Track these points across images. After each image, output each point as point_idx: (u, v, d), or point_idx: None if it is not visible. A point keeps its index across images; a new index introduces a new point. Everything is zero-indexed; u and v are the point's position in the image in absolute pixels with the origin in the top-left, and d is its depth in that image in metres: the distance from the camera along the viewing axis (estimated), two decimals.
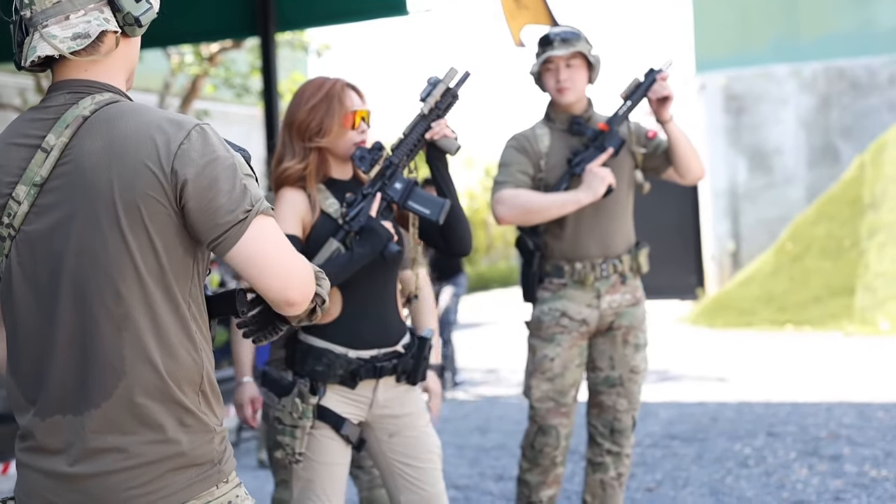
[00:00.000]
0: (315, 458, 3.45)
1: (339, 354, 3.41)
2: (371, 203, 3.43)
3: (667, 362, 11.62)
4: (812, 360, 11.51)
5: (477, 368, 12.21)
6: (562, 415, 4.46)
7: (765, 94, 18.17)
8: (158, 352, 2.07)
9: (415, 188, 3.50)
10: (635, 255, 4.49)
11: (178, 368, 2.09)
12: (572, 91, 4.42)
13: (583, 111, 4.49)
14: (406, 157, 3.53)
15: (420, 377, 3.56)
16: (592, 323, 4.45)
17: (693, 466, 6.69)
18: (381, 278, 3.48)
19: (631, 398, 4.50)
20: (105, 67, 2.17)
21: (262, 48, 8.85)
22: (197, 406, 2.12)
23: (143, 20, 2.15)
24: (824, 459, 6.67)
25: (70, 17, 2.10)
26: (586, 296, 4.43)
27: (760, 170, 18.24)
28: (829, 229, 15.60)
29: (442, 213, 3.49)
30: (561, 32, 4.43)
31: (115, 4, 2.13)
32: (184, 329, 2.11)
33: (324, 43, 13.75)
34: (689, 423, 8.16)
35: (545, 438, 4.46)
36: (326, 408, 3.43)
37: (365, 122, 3.51)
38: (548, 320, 4.45)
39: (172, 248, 2.08)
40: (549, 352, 4.43)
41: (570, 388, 4.46)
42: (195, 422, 2.12)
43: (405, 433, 3.54)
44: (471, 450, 7.57)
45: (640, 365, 4.51)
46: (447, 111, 3.56)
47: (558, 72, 4.42)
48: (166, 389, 2.08)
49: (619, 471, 4.55)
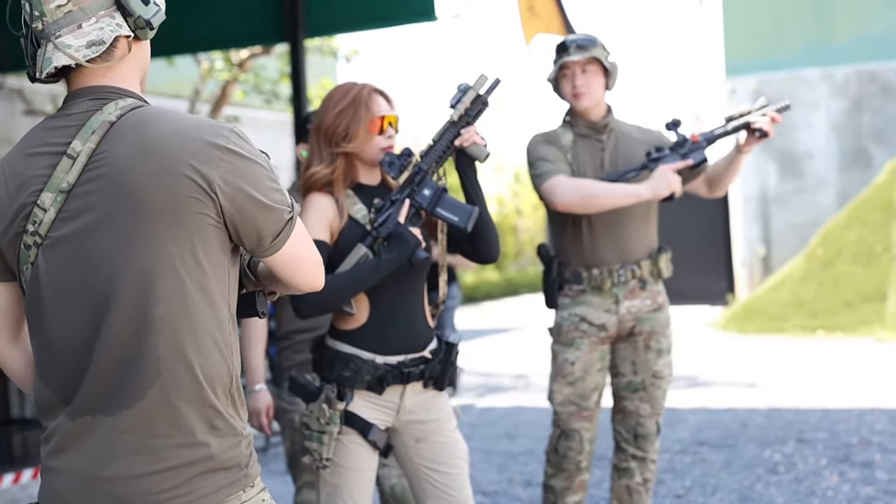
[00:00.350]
0: (342, 464, 3.45)
1: (366, 360, 3.41)
2: (400, 209, 3.43)
3: (696, 368, 11.57)
4: (843, 366, 11.43)
5: (506, 374, 12.20)
6: (584, 418, 4.46)
7: (795, 98, 18.07)
8: (195, 354, 2.08)
9: (444, 195, 3.49)
10: (656, 260, 4.49)
11: (212, 370, 2.10)
12: (588, 96, 4.43)
13: (601, 117, 4.50)
14: (435, 164, 3.52)
15: (447, 383, 3.55)
16: (612, 328, 4.45)
17: (722, 473, 6.66)
18: (409, 284, 3.48)
19: (654, 403, 4.50)
20: (121, 72, 2.18)
21: (291, 54, 8.89)
22: (226, 409, 2.13)
23: (154, 22, 2.16)
24: (855, 466, 6.62)
25: (82, 25, 2.11)
26: (605, 301, 4.44)
27: (791, 174, 18.15)
28: (860, 234, 15.50)
29: (470, 220, 3.48)
30: (577, 39, 4.45)
31: (125, 9, 2.13)
32: (220, 330, 2.12)
33: (353, 48, 13.79)
34: (718, 429, 8.12)
35: (568, 442, 4.46)
36: (354, 413, 3.43)
37: (392, 128, 3.50)
38: (567, 325, 4.47)
39: (210, 250, 2.09)
40: (570, 356, 4.45)
41: (592, 392, 4.47)
42: (224, 425, 2.12)
43: (432, 439, 3.53)
44: (499, 455, 7.56)
45: (663, 370, 4.51)
46: (477, 118, 3.55)
47: (574, 77, 4.43)
48: (200, 391, 2.08)
49: (645, 476, 4.54)
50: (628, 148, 4.49)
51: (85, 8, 2.11)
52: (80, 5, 2.11)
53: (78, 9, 2.11)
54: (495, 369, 12.57)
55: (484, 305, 24.13)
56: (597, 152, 4.47)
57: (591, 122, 4.48)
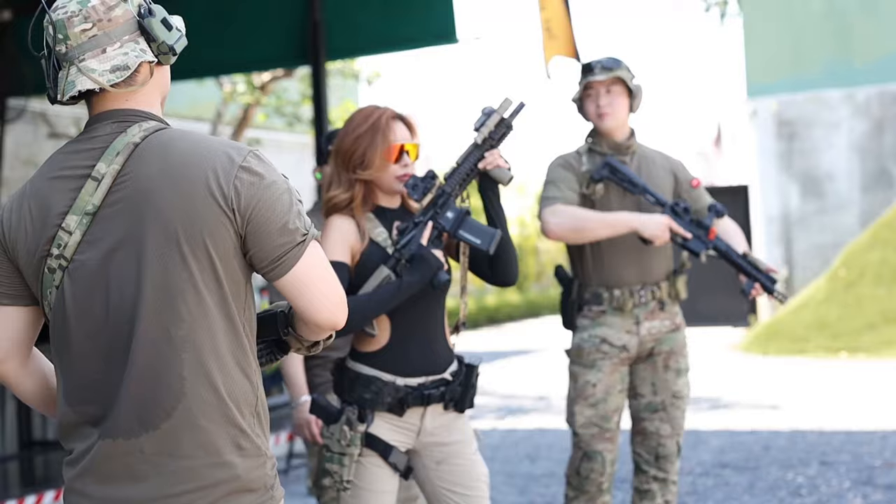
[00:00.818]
0: (363, 486, 3.45)
1: (387, 382, 3.42)
2: (422, 231, 3.44)
3: (719, 390, 11.52)
4: (866, 387, 11.37)
5: (527, 395, 12.17)
6: (606, 440, 4.45)
7: (817, 119, 18.04)
8: (219, 373, 2.09)
9: (467, 217, 3.50)
10: (673, 282, 4.50)
11: (237, 390, 2.12)
12: (612, 116, 4.45)
13: (625, 139, 4.51)
14: (459, 187, 3.53)
15: (468, 405, 3.55)
16: (633, 349, 4.45)
17: (745, 496, 6.62)
18: (430, 306, 3.48)
19: (674, 423, 4.50)
20: (144, 96, 2.20)
21: (312, 77, 8.94)
22: (252, 428, 2.14)
23: (177, 48, 2.18)
24: (879, 488, 6.58)
25: (106, 49, 2.13)
26: (626, 322, 4.44)
27: (813, 195, 18.09)
28: (883, 255, 15.43)
29: (493, 243, 3.49)
30: (602, 60, 4.48)
31: (149, 35, 2.15)
32: (241, 350, 2.14)
33: (374, 71, 13.85)
34: (740, 451, 8.09)
35: (591, 464, 4.44)
36: (374, 435, 3.43)
37: (408, 156, 3.49)
38: (588, 347, 4.46)
39: (231, 271, 2.12)
40: (591, 378, 4.44)
41: (614, 414, 4.46)
42: (250, 445, 2.13)
43: (453, 461, 3.53)
44: (520, 478, 7.55)
45: (682, 390, 4.51)
46: (501, 141, 3.55)
47: (598, 97, 4.46)
48: (226, 411, 2.10)
49: (667, 498, 4.52)
50: (651, 171, 4.51)
51: (110, 33, 2.13)
52: (105, 30, 2.13)
53: (102, 33, 2.13)
54: (516, 391, 12.54)
55: (505, 327, 24.09)
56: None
57: (615, 142, 4.49)
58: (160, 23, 2.15)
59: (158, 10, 2.17)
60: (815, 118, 18.08)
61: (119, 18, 2.13)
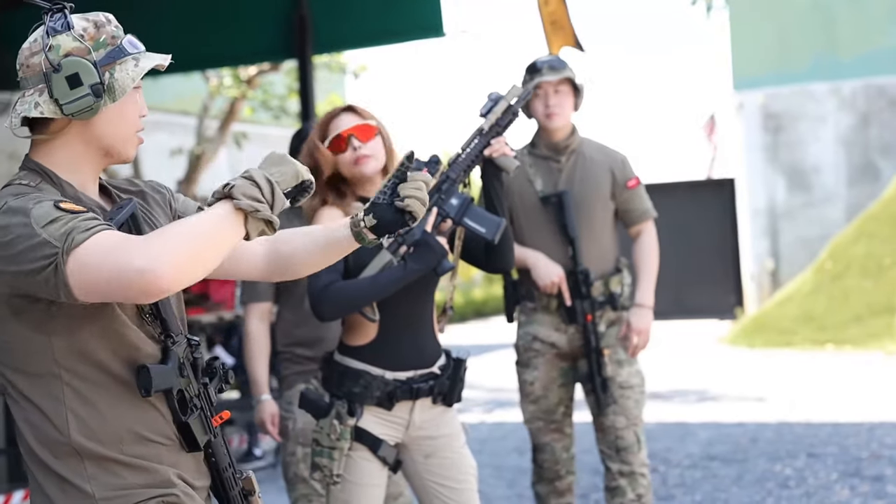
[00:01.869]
0: (352, 480, 3.45)
1: (375, 376, 3.42)
2: (427, 217, 3.42)
3: (705, 382, 11.56)
4: (853, 379, 11.41)
5: (514, 389, 12.16)
6: (553, 431, 4.58)
7: (803, 112, 18.09)
8: None
9: (471, 205, 3.48)
10: (607, 282, 4.52)
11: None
12: (560, 116, 4.53)
13: (564, 138, 4.58)
14: (463, 173, 3.51)
15: (456, 399, 3.55)
16: (562, 346, 4.54)
17: (733, 488, 6.65)
18: (419, 299, 3.48)
19: (628, 414, 4.54)
20: (56, 148, 2.16)
21: (299, 70, 8.92)
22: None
23: (66, 109, 2.08)
24: (866, 480, 6.61)
25: (25, 94, 2.13)
26: (553, 320, 4.53)
27: (799, 188, 18.14)
28: (869, 248, 15.49)
29: (498, 232, 3.48)
30: (549, 60, 4.57)
31: (49, 87, 2.09)
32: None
33: (361, 64, 13.83)
34: (728, 443, 8.11)
35: (542, 455, 4.61)
36: (364, 429, 3.43)
37: (356, 139, 3.45)
38: (522, 345, 4.60)
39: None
40: (528, 376, 4.59)
41: (558, 407, 4.58)
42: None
43: (441, 454, 3.54)
44: (509, 471, 7.56)
45: (629, 380, 4.56)
46: (507, 128, 3.55)
47: (547, 97, 4.53)
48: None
49: (638, 492, 4.54)
50: (586, 170, 4.57)
51: (28, 78, 2.13)
52: (25, 75, 2.13)
53: (25, 77, 2.13)
54: (504, 384, 12.54)
55: (492, 320, 24.10)
56: (553, 173, 4.57)
57: (553, 142, 4.58)
58: (63, 79, 2.08)
59: (74, 65, 2.08)
60: (801, 111, 18.13)
61: (35, 67, 2.11)
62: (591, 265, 4.51)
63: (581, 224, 4.49)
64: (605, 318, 4.54)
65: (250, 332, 4.25)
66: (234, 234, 2.06)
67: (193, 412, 2.19)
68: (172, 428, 2.19)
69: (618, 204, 4.60)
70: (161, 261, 1.91)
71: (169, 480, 2.17)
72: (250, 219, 2.06)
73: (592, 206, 4.53)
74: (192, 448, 2.21)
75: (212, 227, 2.02)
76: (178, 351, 2.18)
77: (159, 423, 2.17)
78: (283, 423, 4.21)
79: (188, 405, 2.19)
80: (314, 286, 3.32)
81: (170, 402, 2.17)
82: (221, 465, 2.27)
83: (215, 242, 2.03)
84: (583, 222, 4.50)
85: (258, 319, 4.26)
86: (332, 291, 3.31)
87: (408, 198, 2.34)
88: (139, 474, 2.14)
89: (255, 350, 4.24)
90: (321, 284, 3.31)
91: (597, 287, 4.51)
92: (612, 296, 4.51)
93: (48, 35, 2.11)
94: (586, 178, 4.55)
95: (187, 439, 2.20)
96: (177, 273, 1.93)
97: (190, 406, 2.19)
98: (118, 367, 2.13)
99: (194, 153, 13.12)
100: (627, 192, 4.60)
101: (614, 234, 4.64)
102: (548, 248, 4.49)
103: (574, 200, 4.49)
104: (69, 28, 2.12)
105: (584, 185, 4.53)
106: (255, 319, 4.26)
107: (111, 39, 2.15)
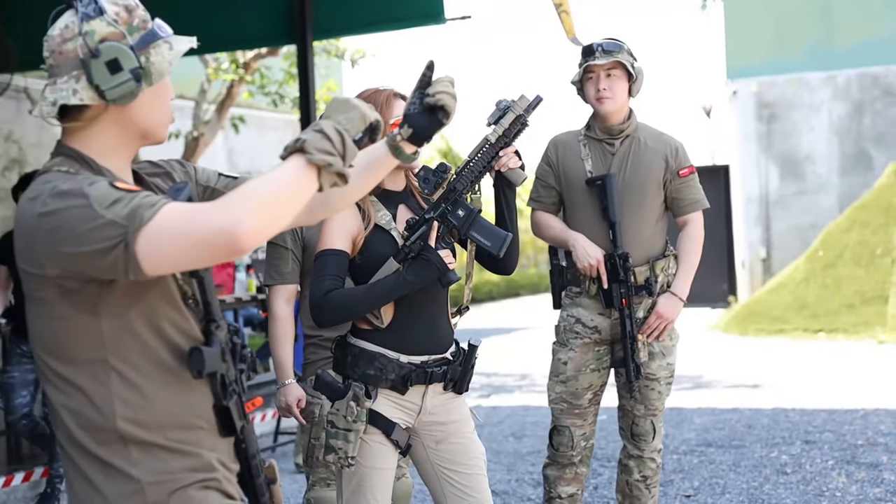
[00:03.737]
0: (365, 463, 3.46)
1: (391, 359, 3.42)
2: (429, 232, 3.42)
3: (700, 369, 11.62)
4: (845, 367, 11.49)
5: (510, 374, 12.24)
6: (575, 416, 4.60)
7: (797, 101, 18.14)
8: None
9: (478, 217, 3.48)
10: (652, 267, 4.55)
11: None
12: (611, 101, 4.50)
13: (619, 123, 4.57)
14: (470, 184, 3.49)
15: (466, 386, 3.58)
16: (605, 331, 4.57)
17: (731, 473, 6.70)
18: (435, 286, 3.49)
19: (648, 404, 4.60)
20: (90, 135, 2.17)
21: (298, 55, 8.91)
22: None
23: (108, 95, 2.11)
24: (862, 467, 6.67)
25: (56, 81, 2.12)
26: (598, 305, 4.56)
27: (792, 177, 18.21)
28: (861, 237, 15.56)
29: (503, 247, 3.48)
30: (603, 43, 4.50)
31: (88, 74, 2.10)
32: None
33: (358, 49, 13.80)
34: (724, 429, 8.17)
35: (560, 437, 4.63)
36: (378, 412, 3.44)
37: None
38: (564, 326, 4.63)
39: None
40: (563, 356, 4.61)
41: (585, 392, 4.60)
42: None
43: (451, 440, 3.56)
44: (507, 456, 7.61)
45: (656, 372, 4.59)
46: (516, 138, 3.51)
47: (598, 81, 4.50)
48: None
49: (644, 474, 4.65)
50: (639, 156, 4.57)
51: (60, 65, 2.13)
52: (57, 62, 2.13)
53: (56, 64, 2.13)
54: (499, 369, 12.61)
55: (485, 306, 24.18)
56: (606, 156, 4.57)
57: (607, 126, 4.56)
58: (103, 65, 2.09)
59: (113, 51, 2.10)
60: (795, 100, 18.19)
61: (69, 53, 2.11)
62: (637, 251, 4.52)
63: (630, 209, 4.50)
64: (644, 304, 4.56)
65: (276, 315, 4.22)
66: (308, 188, 2.02)
67: (232, 397, 2.21)
68: (211, 413, 2.20)
69: (668, 192, 4.59)
70: (242, 218, 1.90)
71: (211, 465, 2.19)
72: (323, 172, 2.03)
73: (643, 192, 4.53)
74: (229, 433, 2.23)
75: (286, 182, 1.99)
76: (220, 335, 2.19)
77: (201, 408, 2.19)
78: (310, 407, 4.22)
79: (228, 389, 2.20)
80: (316, 293, 3.32)
81: (213, 385, 2.18)
82: (251, 452, 2.28)
83: (291, 197, 1.99)
84: (633, 207, 4.51)
85: (284, 301, 4.24)
86: (331, 299, 3.31)
87: (438, 93, 2.32)
88: (183, 459, 2.15)
89: (280, 333, 4.20)
90: (323, 291, 3.31)
91: (641, 272, 4.53)
92: (648, 281, 4.52)
93: (82, 21, 2.11)
94: (639, 163, 4.54)
95: (226, 424, 2.22)
96: (258, 228, 1.91)
97: (229, 390, 2.21)
98: (164, 352, 2.14)
99: (191, 136, 13.11)
100: (679, 181, 4.59)
101: (663, 222, 4.64)
102: (591, 229, 4.52)
103: (625, 185, 4.50)
104: (101, 13, 2.12)
105: (635, 171, 4.53)
106: (282, 301, 4.24)
107: (142, 23, 2.15)
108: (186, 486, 2.15)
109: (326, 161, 2.02)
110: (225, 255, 1.93)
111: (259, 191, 1.96)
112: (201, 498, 2.16)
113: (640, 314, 4.55)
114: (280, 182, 1.99)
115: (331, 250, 3.32)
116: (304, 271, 4.29)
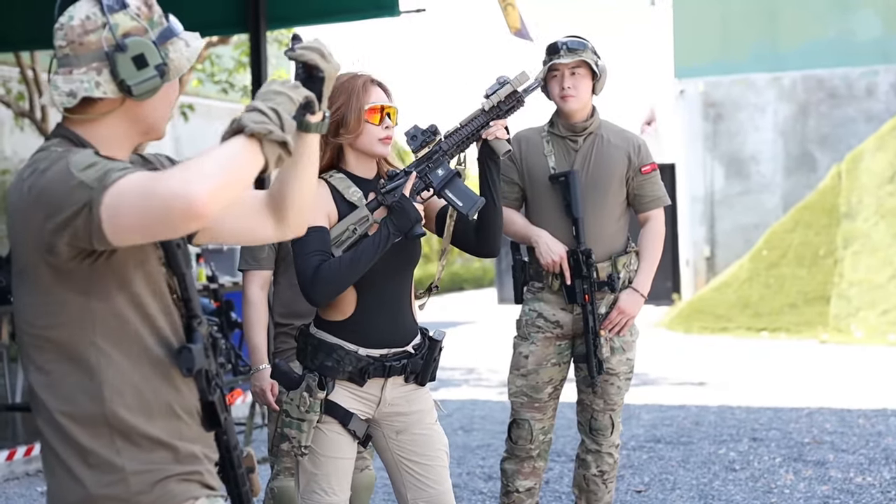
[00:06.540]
0: (321, 452, 3.46)
1: (349, 351, 3.41)
2: (405, 182, 3.40)
3: (645, 366, 11.67)
4: (789, 366, 11.62)
5: (456, 368, 12.24)
6: (535, 409, 4.62)
7: (743, 102, 18.31)
8: None
9: (455, 179, 3.48)
10: (615, 263, 4.57)
11: None
12: (575, 99, 4.53)
13: (582, 121, 4.59)
14: (456, 148, 3.50)
15: (429, 378, 3.58)
16: (567, 326, 4.59)
17: (680, 470, 6.75)
18: (398, 276, 3.47)
19: (607, 399, 4.63)
20: (101, 127, 2.15)
21: (251, 45, 8.87)
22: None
23: (136, 91, 2.10)
24: (809, 465, 6.74)
25: (73, 71, 2.10)
26: (560, 300, 4.58)
27: (737, 177, 18.37)
28: (804, 237, 15.74)
29: (474, 208, 3.45)
30: (568, 42, 4.52)
31: (113, 68, 2.09)
32: None
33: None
34: (672, 426, 8.23)
35: (519, 431, 4.64)
36: (334, 402, 3.43)
37: (391, 119, 3.45)
38: (525, 320, 4.65)
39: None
40: (524, 349, 4.63)
41: (545, 385, 4.62)
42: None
43: (412, 430, 3.56)
44: (457, 449, 7.60)
45: (616, 367, 4.62)
46: (509, 113, 3.54)
47: (563, 79, 4.52)
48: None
49: (602, 468, 4.68)
50: (602, 153, 4.59)
51: (79, 56, 2.10)
52: (76, 52, 2.10)
53: (73, 54, 2.10)
54: (445, 363, 12.58)
55: (444, 297, 24.16)
56: (569, 153, 4.59)
57: (570, 124, 4.59)
58: (129, 60, 2.08)
59: (139, 46, 2.09)
60: (741, 100, 18.35)
61: (91, 44, 2.09)
62: (599, 247, 4.54)
63: (593, 206, 4.52)
64: (606, 300, 4.58)
65: (251, 300, 4.26)
66: (253, 159, 1.99)
67: (216, 391, 2.21)
68: (196, 406, 2.20)
69: (631, 188, 4.62)
70: (196, 182, 1.87)
71: (194, 456, 2.18)
72: (266, 143, 1.99)
73: (606, 189, 4.55)
74: (213, 426, 2.22)
75: (233, 153, 1.96)
76: (202, 331, 2.18)
77: (186, 401, 2.18)
78: (282, 395, 4.20)
79: (212, 384, 2.20)
80: (306, 271, 3.28)
81: (199, 381, 2.18)
82: (232, 443, 2.27)
83: (239, 164, 1.96)
84: (595, 204, 4.52)
85: (258, 287, 4.27)
86: (322, 273, 3.28)
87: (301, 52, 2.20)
88: (167, 450, 2.14)
89: (254, 318, 4.25)
90: (313, 267, 3.28)
91: (603, 268, 4.55)
92: (611, 277, 4.54)
93: (105, 13, 2.09)
94: (601, 160, 4.57)
95: (210, 418, 2.21)
96: (212, 193, 1.88)
97: (213, 385, 2.20)
98: (152, 341, 2.13)
99: None
100: (641, 177, 4.61)
101: (625, 218, 4.66)
102: (554, 226, 4.53)
103: (588, 182, 4.52)
104: (125, 6, 2.11)
105: (598, 168, 4.55)
106: (256, 287, 4.27)
107: (160, 19, 2.14)
108: (169, 478, 2.13)
109: (266, 128, 1.98)
110: (182, 219, 1.89)
111: (209, 158, 1.94)
112: (183, 490, 2.14)
113: (602, 310, 4.56)
114: (226, 152, 1.96)
115: (311, 228, 3.26)
116: (279, 258, 4.28)
